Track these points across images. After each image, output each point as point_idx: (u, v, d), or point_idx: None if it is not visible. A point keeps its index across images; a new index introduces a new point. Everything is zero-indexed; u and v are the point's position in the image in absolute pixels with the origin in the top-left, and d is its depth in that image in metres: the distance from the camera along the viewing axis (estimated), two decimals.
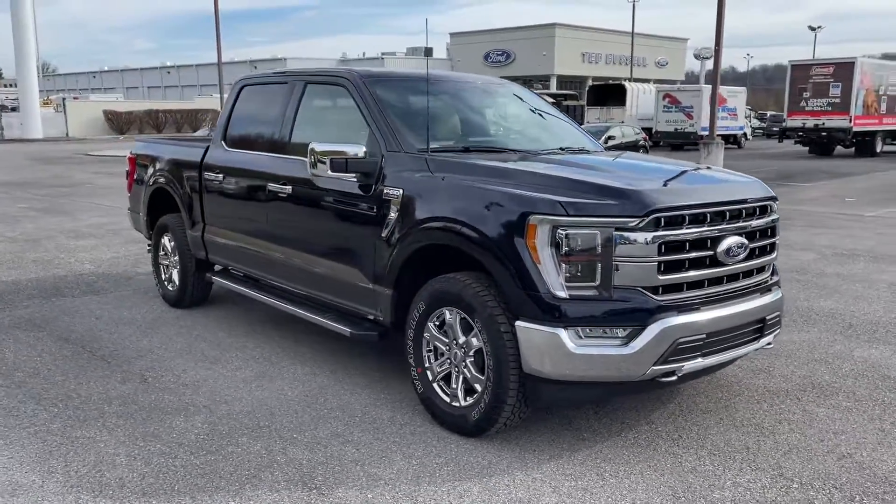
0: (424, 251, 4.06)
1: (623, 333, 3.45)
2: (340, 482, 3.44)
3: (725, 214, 3.73)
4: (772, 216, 4.04)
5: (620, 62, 64.30)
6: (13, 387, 4.65)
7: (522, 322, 3.51)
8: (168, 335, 5.74)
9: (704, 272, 3.64)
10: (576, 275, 3.44)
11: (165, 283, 6.69)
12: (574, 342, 3.41)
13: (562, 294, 3.44)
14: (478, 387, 3.79)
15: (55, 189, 17.16)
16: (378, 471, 3.55)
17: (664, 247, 3.49)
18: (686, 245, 3.57)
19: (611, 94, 39.00)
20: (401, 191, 4.14)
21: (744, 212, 3.84)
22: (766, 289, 4.03)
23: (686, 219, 3.56)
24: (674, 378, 3.59)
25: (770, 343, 4.08)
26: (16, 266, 8.38)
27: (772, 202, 4.06)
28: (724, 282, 3.76)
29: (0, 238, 10.29)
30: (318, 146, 4.29)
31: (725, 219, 3.73)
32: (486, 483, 3.43)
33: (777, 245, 4.14)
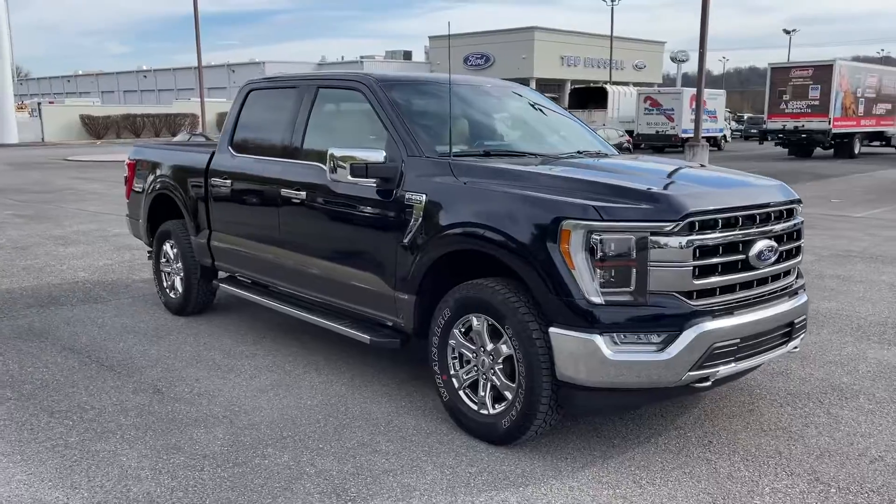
0: (449, 257, 4.01)
1: (658, 339, 3.42)
2: (374, 493, 3.37)
3: (755, 218, 3.72)
4: (797, 219, 4.04)
5: (599, 65, 64.66)
6: (23, 399, 4.53)
7: (556, 328, 3.47)
8: (175, 344, 5.63)
9: (738, 276, 3.62)
10: (610, 280, 3.41)
11: (167, 291, 6.57)
12: (610, 348, 3.38)
13: (597, 300, 3.40)
14: (508, 394, 3.74)
15: (37, 195, 16.87)
16: (411, 481, 3.49)
17: (698, 251, 3.46)
18: (719, 249, 3.55)
19: (592, 97, 39.23)
20: (424, 196, 4.08)
21: (772, 215, 3.83)
22: (793, 292, 4.02)
23: (719, 223, 3.54)
24: (708, 383, 3.57)
25: (797, 347, 4.08)
26: (7, 274, 8.20)
27: (797, 205, 4.05)
28: (755, 286, 3.74)
29: None
30: (338, 151, 4.23)
31: (755, 222, 3.71)
32: (524, 493, 3.38)
33: (802, 248, 4.14)
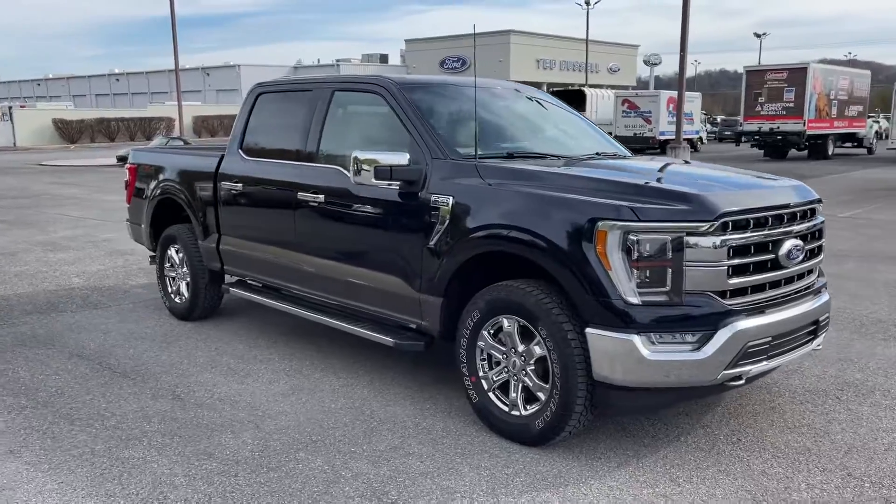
0: (476, 259, 4.01)
1: (693, 339, 3.46)
2: (415, 496, 3.37)
3: (783, 217, 3.77)
4: (819, 218, 4.11)
5: (574, 68, 65.16)
6: (39, 407, 4.46)
7: (593, 329, 3.49)
8: (187, 349, 5.57)
9: (769, 275, 3.67)
10: (647, 280, 3.44)
11: (172, 296, 6.50)
12: (647, 348, 3.40)
13: (634, 300, 3.43)
14: (541, 395, 3.76)
15: (15, 200, 16.62)
16: (450, 483, 3.48)
17: (732, 251, 3.50)
18: (751, 249, 3.60)
19: (570, 100, 39.33)
20: (451, 198, 4.08)
21: (797, 214, 3.88)
22: (817, 291, 4.08)
23: (750, 223, 3.59)
24: (741, 381, 3.61)
25: (820, 345, 4.14)
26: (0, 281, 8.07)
27: (818, 204, 4.12)
28: (783, 285, 3.80)
29: None
30: (362, 154, 4.22)
31: (783, 222, 3.77)
32: (564, 493, 3.39)
33: (823, 247, 4.20)
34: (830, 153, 31.28)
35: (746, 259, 3.57)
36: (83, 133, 48.48)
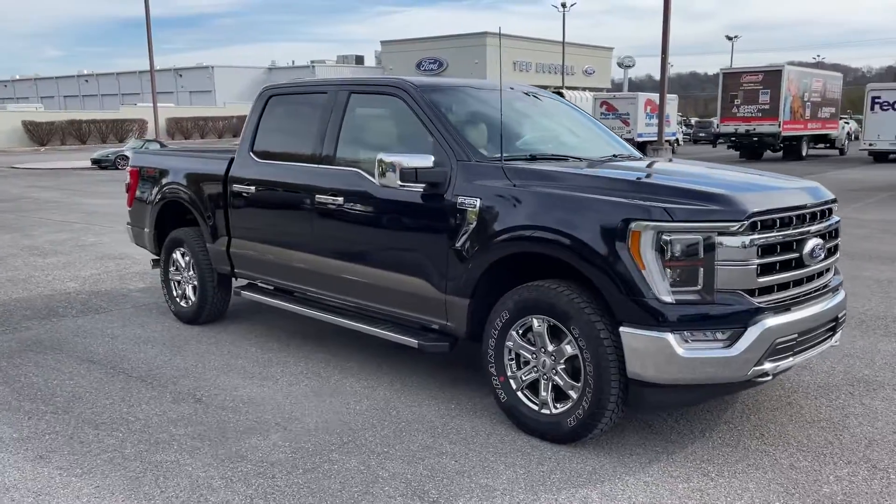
0: (506, 260, 4.06)
1: (723, 336, 3.53)
2: (456, 494, 3.40)
3: (805, 217, 3.87)
4: (835, 218, 4.21)
5: (551, 70, 65.55)
6: (59, 412, 4.42)
7: (627, 328, 3.55)
8: (199, 353, 5.55)
9: (794, 273, 3.76)
10: (679, 279, 3.51)
11: (178, 300, 6.46)
12: (681, 346, 3.47)
13: (668, 299, 3.49)
14: (572, 394, 3.81)
15: None
16: (488, 481, 3.52)
17: (761, 250, 3.59)
18: (777, 248, 3.69)
19: None
20: (478, 200, 4.12)
21: (818, 214, 3.98)
22: (835, 288, 4.19)
23: (777, 222, 3.68)
24: (769, 378, 3.69)
25: (837, 341, 4.24)
26: None
27: (833, 204, 4.22)
28: (805, 282, 3.89)
29: None
30: (387, 157, 4.24)
31: (805, 221, 3.86)
32: (602, 489, 3.45)
33: (840, 246, 4.31)
34: (804, 154, 31.82)
35: (773, 258, 3.66)
36: (53, 135, 47.79)
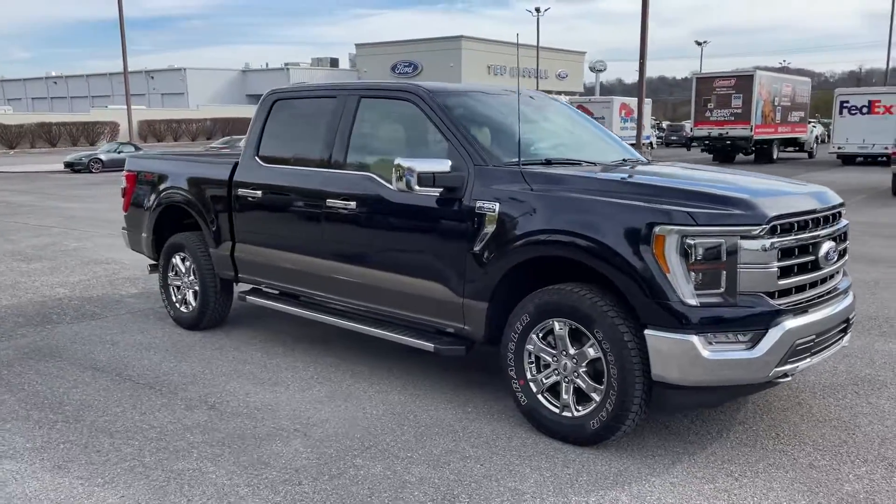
0: (526, 264, 4.08)
1: (745, 338, 3.59)
2: (486, 498, 3.41)
3: (819, 220, 3.95)
4: (844, 221, 4.30)
5: (525, 74, 65.74)
6: (71, 421, 4.35)
7: (652, 331, 3.59)
8: (205, 359, 5.50)
9: (811, 276, 3.84)
10: (703, 282, 3.56)
11: (178, 306, 6.39)
12: (706, 348, 3.52)
13: (692, 302, 3.54)
14: (595, 396, 3.84)
15: None
16: (516, 485, 3.54)
17: (781, 253, 3.66)
18: (795, 251, 3.76)
19: None
20: (496, 204, 4.15)
21: (830, 217, 4.07)
22: (845, 290, 4.27)
23: (794, 226, 3.75)
24: (788, 378, 3.76)
25: (847, 342, 4.33)
26: None
27: (842, 208, 4.31)
28: (820, 284, 3.97)
29: None
30: (405, 162, 4.24)
31: (819, 225, 3.94)
32: (631, 490, 3.48)
33: (848, 249, 4.40)
34: (775, 157, 32.37)
35: (792, 261, 3.73)
36: (23, 138, 46.97)
